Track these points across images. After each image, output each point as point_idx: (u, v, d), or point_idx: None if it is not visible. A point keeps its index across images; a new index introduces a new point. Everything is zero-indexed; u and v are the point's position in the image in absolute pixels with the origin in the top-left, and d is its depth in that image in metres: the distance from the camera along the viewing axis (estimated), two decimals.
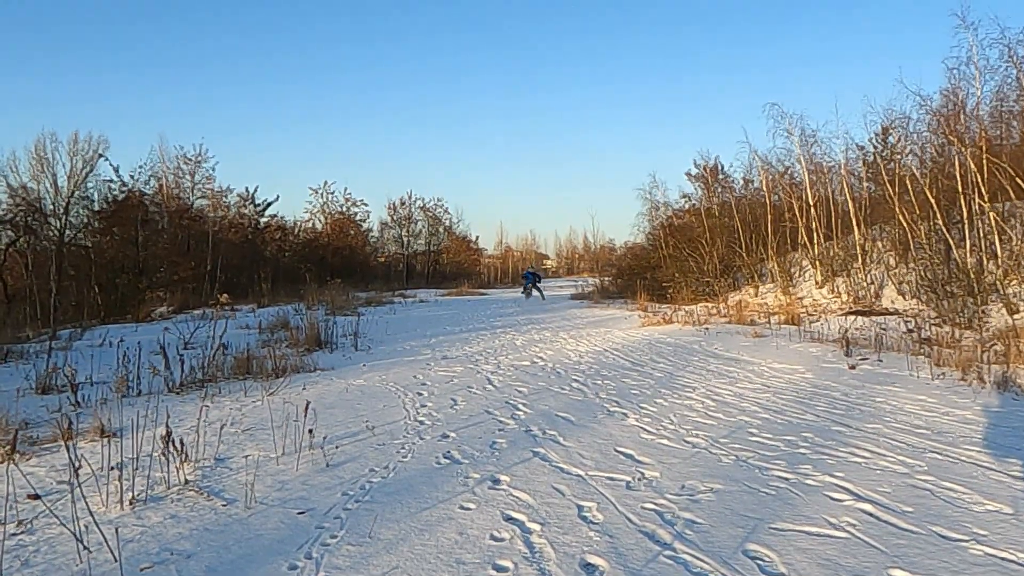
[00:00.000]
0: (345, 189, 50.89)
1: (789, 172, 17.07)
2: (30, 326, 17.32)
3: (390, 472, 3.81)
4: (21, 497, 3.44)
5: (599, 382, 6.59)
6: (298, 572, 2.58)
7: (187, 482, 3.71)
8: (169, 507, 3.33)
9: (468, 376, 7.08)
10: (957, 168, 10.57)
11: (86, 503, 3.19)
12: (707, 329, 10.71)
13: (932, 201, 10.96)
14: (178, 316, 17.48)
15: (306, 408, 4.25)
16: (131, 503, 3.36)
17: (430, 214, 43.30)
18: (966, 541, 2.69)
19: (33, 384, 6.64)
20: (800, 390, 5.92)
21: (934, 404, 5.16)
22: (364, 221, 39.93)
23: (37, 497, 3.55)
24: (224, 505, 3.34)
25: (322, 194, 38.63)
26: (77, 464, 3.22)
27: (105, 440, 4.55)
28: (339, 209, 38.66)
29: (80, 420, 5.11)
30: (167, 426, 3.84)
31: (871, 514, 2.99)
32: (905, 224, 11.86)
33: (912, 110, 17.99)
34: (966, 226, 10.41)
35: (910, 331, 8.98)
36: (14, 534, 3.02)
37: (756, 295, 15.84)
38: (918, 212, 11.77)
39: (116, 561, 2.67)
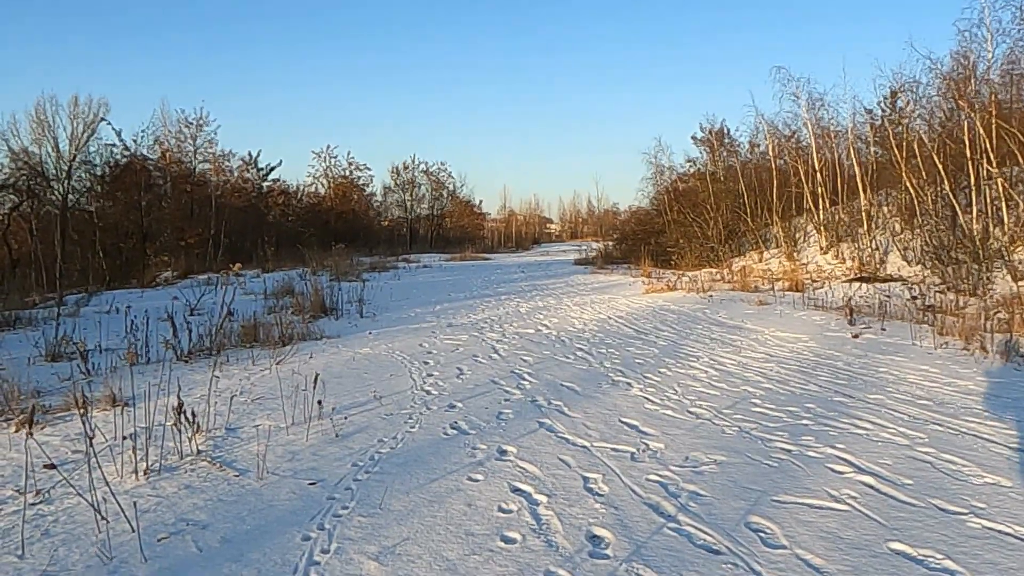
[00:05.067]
0: (348, 153, 50.47)
1: (795, 136, 16.93)
2: (36, 291, 17.43)
3: (398, 443, 3.88)
4: (37, 466, 3.51)
5: (603, 351, 6.64)
6: (311, 543, 2.65)
7: (199, 452, 3.78)
8: (183, 477, 3.40)
9: (474, 344, 7.13)
10: (966, 133, 10.46)
11: (102, 473, 3.26)
12: (711, 296, 10.73)
13: (939, 166, 10.88)
14: (183, 281, 17.54)
15: (315, 380, 4.30)
16: (145, 473, 3.43)
17: (433, 178, 43.07)
18: (964, 514, 2.74)
19: (43, 352, 6.71)
20: (803, 359, 5.96)
21: (936, 374, 5.20)
22: (367, 185, 39.79)
23: (53, 467, 3.63)
24: (237, 475, 3.41)
25: (325, 158, 38.38)
26: (91, 434, 3.28)
27: (117, 409, 4.63)
28: (342, 173, 38.45)
29: (91, 388, 5.18)
30: (179, 397, 3.90)
31: (871, 486, 3.05)
32: (912, 189, 11.78)
33: (922, 74, 17.72)
34: (973, 192, 10.35)
35: (914, 298, 8.99)
36: (33, 504, 3.10)
37: (760, 261, 15.82)
38: (925, 177, 11.69)
39: (134, 531, 2.74)
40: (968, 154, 10.37)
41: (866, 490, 3.01)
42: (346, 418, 4.36)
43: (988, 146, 9.94)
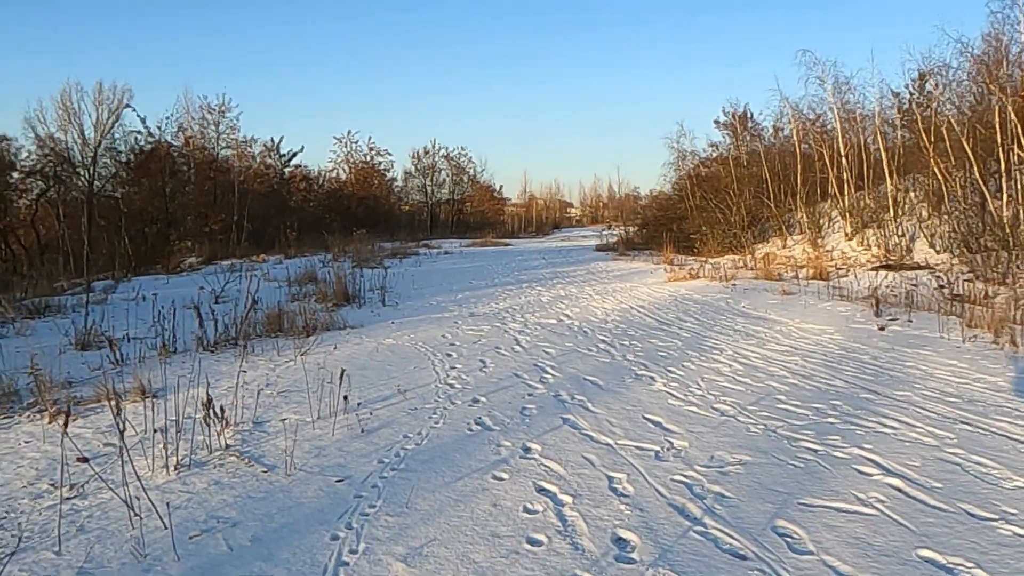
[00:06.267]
0: (369, 138, 50.58)
1: (820, 120, 16.67)
2: (64, 276, 17.71)
3: (423, 439, 3.91)
4: (70, 459, 3.58)
5: (626, 343, 6.63)
6: (340, 543, 2.68)
7: (228, 447, 3.84)
8: (212, 473, 3.46)
9: (496, 336, 7.15)
10: (996, 117, 10.25)
11: (133, 468, 3.31)
12: (734, 285, 10.65)
13: (968, 151, 10.68)
14: (207, 267, 17.73)
15: (341, 376, 4.34)
16: (176, 468, 3.49)
17: (454, 163, 43.10)
18: (995, 520, 2.71)
19: (73, 340, 6.84)
20: (828, 353, 5.91)
21: (965, 369, 5.13)
22: (388, 171, 39.93)
23: (86, 460, 3.70)
24: (265, 472, 3.46)
25: (346, 143, 38.56)
26: (123, 428, 3.33)
27: (147, 401, 4.71)
28: (363, 159, 38.60)
29: (121, 378, 5.25)
30: (207, 394, 3.95)
31: (900, 490, 3.02)
32: (939, 174, 11.58)
33: (952, 58, 17.29)
34: (1004, 178, 10.15)
35: (941, 287, 8.86)
36: (68, 498, 3.17)
37: (783, 247, 15.67)
38: (953, 162, 11.48)
39: (166, 528, 2.79)
40: (999, 139, 10.16)
41: (894, 493, 2.99)
42: (371, 413, 4.40)
43: (1020, 131, 9.73)
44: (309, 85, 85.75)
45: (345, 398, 4.38)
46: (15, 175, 23.00)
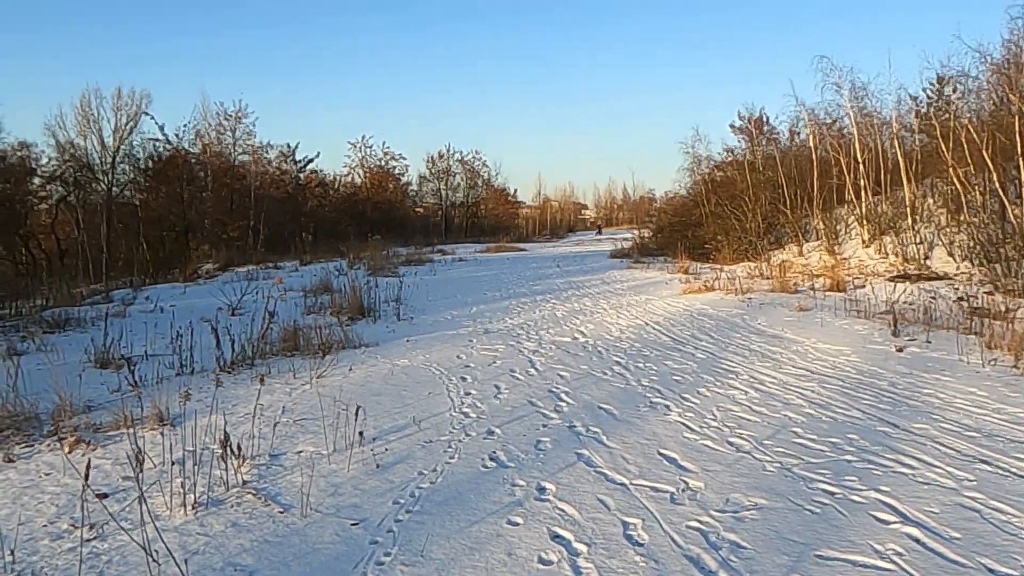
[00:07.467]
0: (383, 143, 50.89)
1: (837, 125, 16.56)
2: (83, 282, 17.94)
3: (438, 476, 3.91)
4: (89, 494, 3.61)
5: (640, 365, 6.61)
6: None
7: (245, 483, 3.86)
8: (229, 512, 3.49)
9: (510, 356, 7.15)
10: (1017, 125, 10.13)
11: (149, 508, 3.34)
12: (750, 299, 10.55)
13: (987, 158, 10.56)
14: (223, 274, 17.88)
15: (356, 412, 4.35)
16: (194, 507, 3.52)
17: (468, 167, 43.29)
18: None
19: (92, 358, 6.93)
20: (846, 378, 5.85)
21: (984, 399, 5.05)
22: (403, 175, 40.18)
23: (104, 496, 3.75)
24: (281, 512, 3.48)
25: (360, 148, 38.79)
26: (141, 461, 3.36)
27: (164, 428, 4.77)
28: (378, 163, 38.81)
29: (140, 400, 5.26)
30: (225, 431, 3.98)
31: (918, 540, 2.98)
32: (958, 182, 11.47)
33: (971, 67, 17.12)
34: (1023, 185, 10.05)
35: (960, 299, 8.77)
36: (88, 540, 3.20)
37: (800, 254, 15.56)
38: (972, 168, 11.37)
39: None
40: (1019, 149, 10.05)
41: (912, 545, 2.95)
42: (386, 448, 4.39)
43: None
44: (323, 90, 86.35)
45: (360, 434, 4.40)
46: (36, 181, 23.35)
